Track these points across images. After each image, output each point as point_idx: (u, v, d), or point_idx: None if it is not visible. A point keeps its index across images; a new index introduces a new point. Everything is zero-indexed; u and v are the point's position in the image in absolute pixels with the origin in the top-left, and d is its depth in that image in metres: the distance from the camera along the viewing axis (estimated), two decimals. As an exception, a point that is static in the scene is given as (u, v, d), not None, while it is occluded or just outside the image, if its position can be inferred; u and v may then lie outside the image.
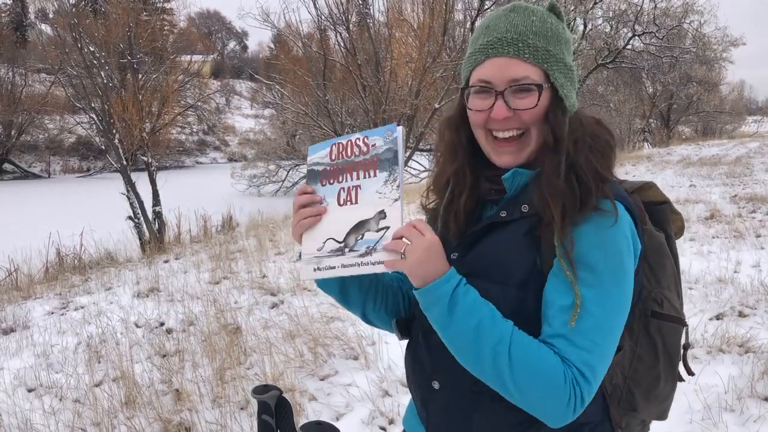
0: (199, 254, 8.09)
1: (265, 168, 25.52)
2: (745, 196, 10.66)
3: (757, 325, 4.53)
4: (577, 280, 1.11)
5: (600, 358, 1.11)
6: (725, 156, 20.62)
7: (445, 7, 18.59)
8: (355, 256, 1.20)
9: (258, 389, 1.15)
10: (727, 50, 32.52)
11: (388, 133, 1.24)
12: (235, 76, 58.53)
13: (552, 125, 1.19)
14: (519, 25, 1.19)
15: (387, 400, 3.62)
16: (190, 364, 4.18)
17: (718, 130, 43.04)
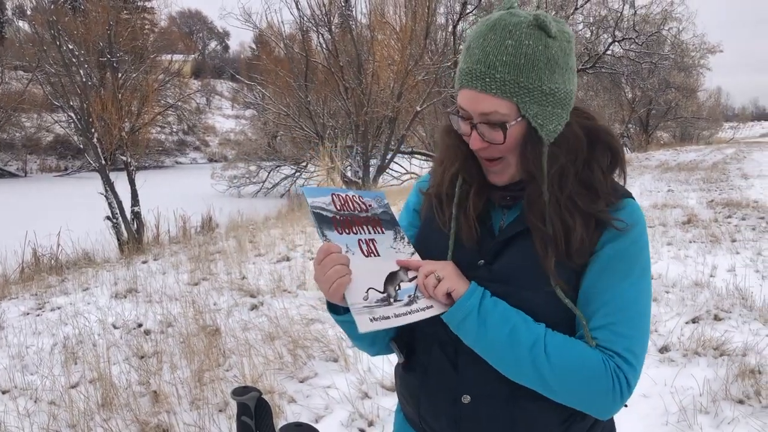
0: (178, 255, 8.03)
1: (246, 169, 25.40)
2: (722, 202, 10.82)
3: (731, 328, 4.60)
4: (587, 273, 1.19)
5: (640, 343, 1.17)
6: (702, 161, 20.91)
7: (427, 11, 18.66)
8: (402, 305, 1.18)
9: (237, 391, 1.14)
10: (705, 57, 33.03)
11: (378, 199, 1.30)
12: (216, 76, 58.21)
13: (528, 158, 1.20)
14: (490, 53, 1.15)
15: (366, 402, 3.62)
16: (169, 366, 4.15)
17: (696, 136, 43.64)
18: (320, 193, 1.24)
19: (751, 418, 3.30)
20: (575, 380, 1.13)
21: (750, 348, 4.17)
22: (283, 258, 7.19)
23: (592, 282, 1.19)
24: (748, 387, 3.60)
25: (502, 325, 1.14)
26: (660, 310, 4.99)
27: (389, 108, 18.22)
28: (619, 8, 26.61)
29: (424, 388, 1.31)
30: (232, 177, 25.32)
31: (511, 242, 1.24)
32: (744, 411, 3.38)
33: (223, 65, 58.54)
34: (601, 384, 1.13)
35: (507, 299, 1.18)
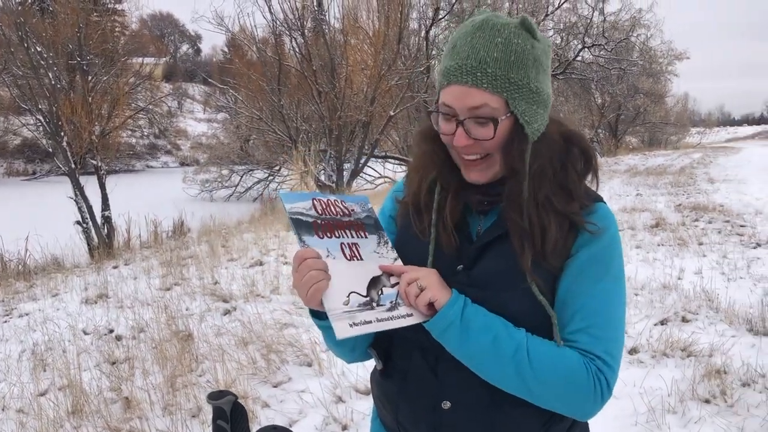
0: (150, 260, 7.95)
1: (218, 173, 25.21)
2: (689, 205, 11.02)
3: (698, 329, 4.70)
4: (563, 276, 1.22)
5: (617, 344, 1.21)
6: (670, 166, 21.26)
7: (400, 16, 18.72)
8: (384, 310, 1.18)
9: (213, 395, 1.15)
10: (672, 63, 33.71)
11: (362, 203, 1.29)
12: (187, 80, 57.66)
13: (513, 154, 1.21)
14: (480, 50, 1.17)
15: (341, 406, 3.63)
16: (141, 372, 4.11)
17: (664, 141, 44.35)
18: (299, 198, 1.22)
19: (716, 417, 3.38)
20: (558, 385, 1.15)
21: (716, 349, 4.26)
22: (257, 262, 7.16)
23: (568, 286, 1.21)
24: (714, 387, 3.69)
25: (485, 333, 1.15)
26: (629, 312, 5.08)
27: (362, 112, 18.23)
28: (588, 15, 27.05)
29: (404, 394, 1.31)
30: (204, 181, 25.13)
31: (488, 247, 1.25)
32: (710, 410, 3.46)
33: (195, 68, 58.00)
34: (583, 387, 1.15)
35: (486, 304, 1.18)
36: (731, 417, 3.37)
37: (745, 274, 6.21)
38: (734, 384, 3.74)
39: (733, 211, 10.07)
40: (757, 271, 6.30)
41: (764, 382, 3.75)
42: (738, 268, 6.43)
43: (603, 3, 27.10)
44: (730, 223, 8.97)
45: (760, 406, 3.46)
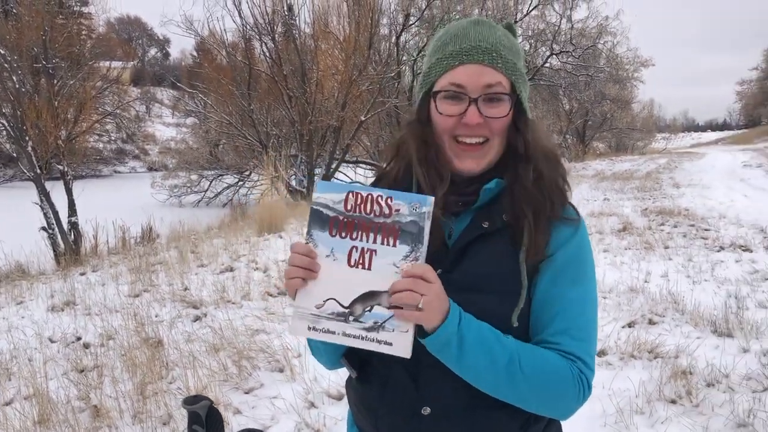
0: (118, 266, 7.84)
1: (187, 178, 24.95)
2: (655, 210, 11.22)
3: (665, 331, 4.79)
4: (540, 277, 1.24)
5: (594, 345, 1.26)
6: (637, 171, 21.62)
7: (370, 22, 18.78)
8: (360, 327, 1.11)
9: (188, 400, 1.15)
10: (638, 70, 34.33)
11: (416, 204, 1.12)
12: (156, 84, 57.08)
13: (522, 133, 1.27)
14: (489, 36, 1.24)
15: (313, 411, 3.62)
16: (110, 380, 4.06)
17: (630, 146, 45.01)
18: (334, 189, 1.14)
19: (682, 417, 3.45)
20: (548, 390, 1.18)
21: (682, 350, 4.35)
22: (227, 268, 7.12)
23: (546, 289, 1.24)
24: (680, 387, 3.76)
25: (480, 345, 1.14)
26: (598, 315, 5.15)
27: (334, 117, 18.22)
28: (556, 22, 27.42)
29: (383, 401, 1.30)
30: (172, 186, 24.85)
31: (467, 249, 1.26)
32: (676, 410, 3.53)
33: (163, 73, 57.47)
34: (569, 390, 1.19)
35: (468, 307, 1.18)
36: (696, 417, 3.45)
37: (709, 276, 6.35)
38: (699, 384, 3.82)
39: (697, 216, 10.29)
40: (721, 273, 6.44)
41: (728, 382, 3.84)
42: (702, 271, 6.57)
43: (571, 10, 27.53)
44: (694, 227, 9.16)
45: (724, 406, 3.54)
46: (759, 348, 4.36)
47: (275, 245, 8.38)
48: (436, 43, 1.31)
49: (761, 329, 4.71)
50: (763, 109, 68.78)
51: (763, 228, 8.73)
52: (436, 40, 1.32)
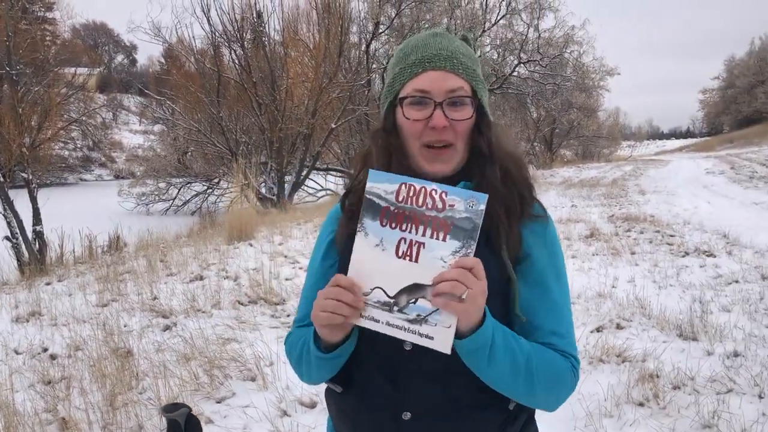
0: (85, 276, 7.72)
1: (155, 186, 24.71)
2: (621, 216, 11.42)
3: (632, 336, 4.88)
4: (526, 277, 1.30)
5: (574, 333, 1.36)
6: (603, 178, 21.96)
7: (340, 29, 18.82)
8: (404, 319, 1.12)
9: (167, 407, 1.15)
10: (604, 79, 34.93)
11: (473, 201, 1.11)
12: (123, 91, 56.31)
13: (485, 135, 1.32)
14: (448, 46, 1.31)
15: (286, 420, 3.61)
16: (78, 391, 3.99)
17: (597, 154, 45.69)
18: (387, 179, 1.14)
19: (650, 419, 3.51)
20: (555, 386, 1.27)
21: (649, 354, 4.44)
22: (197, 277, 7.05)
23: (530, 291, 1.30)
24: (647, 390, 3.84)
25: (506, 353, 1.18)
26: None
27: (304, 125, 18.21)
28: (524, 31, 27.78)
29: (363, 409, 1.32)
30: (140, 194, 24.58)
31: None
32: (644, 413, 3.60)
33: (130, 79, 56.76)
34: (569, 386, 1.30)
35: None
36: (663, 419, 3.52)
37: (675, 282, 6.48)
38: (666, 387, 3.90)
39: (663, 222, 10.49)
40: (686, 279, 6.58)
41: (693, 385, 3.93)
42: (668, 276, 6.70)
43: (538, 20, 27.94)
44: (660, 233, 9.34)
45: (690, 407, 3.62)
46: (723, 351, 4.47)
47: (245, 253, 8.33)
48: (398, 55, 1.36)
49: (725, 332, 4.83)
50: (724, 117, 70.51)
51: (725, 234, 8.94)
52: (397, 53, 1.38)
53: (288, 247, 8.74)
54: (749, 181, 16.75)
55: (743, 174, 18.94)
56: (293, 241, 9.25)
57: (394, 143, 1.34)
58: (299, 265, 7.51)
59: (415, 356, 1.25)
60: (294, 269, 7.29)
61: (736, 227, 9.40)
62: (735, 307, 5.52)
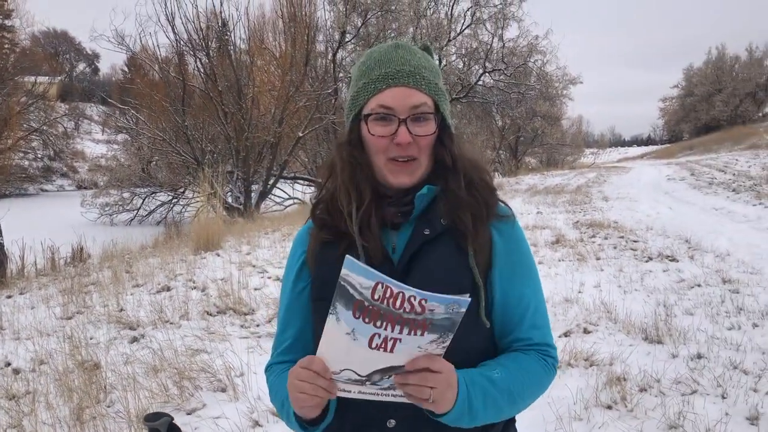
0: (48, 288, 7.57)
1: (119, 196, 24.28)
2: (586, 222, 11.59)
3: (599, 340, 4.96)
4: (495, 277, 1.35)
5: (549, 322, 1.45)
6: (567, 185, 22.26)
7: (306, 38, 18.82)
8: (377, 388, 1.13)
9: (149, 417, 1.14)
10: (567, 88, 35.57)
11: (454, 306, 1.07)
12: (85, 100, 55.33)
13: (448, 147, 1.36)
14: (411, 60, 1.33)
15: (258, 430, 3.59)
16: (44, 405, 3.91)
17: (561, 161, 46.29)
18: (364, 273, 1.04)
19: (618, 421, 3.58)
20: (535, 393, 1.35)
21: (615, 357, 4.52)
22: (164, 288, 6.97)
23: (505, 290, 1.36)
24: (615, 393, 3.90)
25: (486, 405, 1.23)
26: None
27: (270, 133, 18.13)
28: (488, 41, 28.11)
29: (347, 420, 1.33)
30: (103, 204, 24.12)
31: (414, 260, 1.32)
32: (612, 416, 3.66)
33: (93, 88, 55.80)
34: (546, 382, 1.37)
35: None
36: (631, 421, 3.58)
37: (639, 286, 6.61)
38: (633, 390, 3.98)
39: (626, 228, 10.67)
40: (650, 283, 6.71)
41: (659, 387, 4.01)
42: (633, 281, 6.83)
43: (502, 30, 28.29)
44: (624, 239, 9.50)
45: (656, 409, 3.69)
46: (687, 353, 4.57)
47: (213, 263, 8.26)
48: (361, 68, 1.38)
49: (688, 335, 4.94)
50: (684, 125, 72.07)
51: (687, 239, 9.14)
52: (360, 65, 1.40)
53: (256, 256, 8.69)
54: (709, 188, 17.15)
55: (703, 180, 19.39)
56: (261, 250, 9.20)
57: (358, 157, 1.37)
58: (268, 274, 7.47)
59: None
60: (263, 279, 7.25)
61: (697, 232, 9.63)
62: (698, 310, 5.65)
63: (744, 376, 4.14)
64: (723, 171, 21.61)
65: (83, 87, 60.38)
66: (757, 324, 5.23)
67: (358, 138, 1.38)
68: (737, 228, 10.16)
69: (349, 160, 1.37)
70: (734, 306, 5.70)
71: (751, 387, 3.96)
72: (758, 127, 50.99)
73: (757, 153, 28.88)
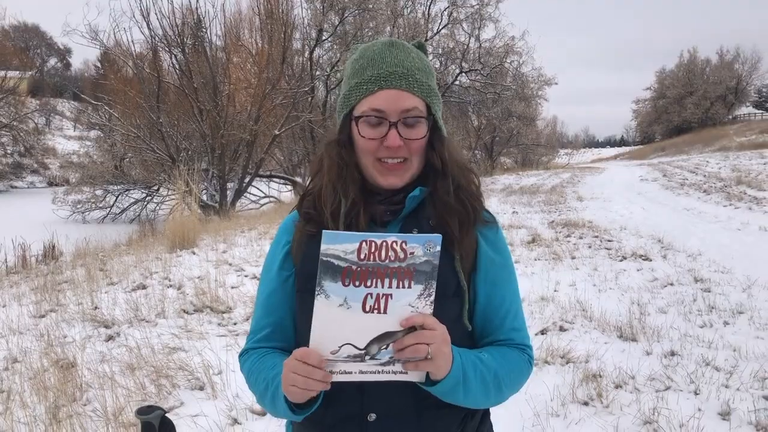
0: (20, 286, 7.46)
1: (91, 193, 23.89)
2: (561, 222, 11.71)
3: (575, 338, 5.02)
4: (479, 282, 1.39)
5: (527, 328, 1.49)
6: (542, 185, 22.45)
7: (283, 36, 18.74)
8: (376, 363, 1.15)
9: (142, 410, 1.14)
10: (542, 88, 35.83)
11: (430, 244, 1.14)
12: (56, 95, 54.42)
13: (438, 151, 1.36)
14: (404, 60, 1.33)
15: (237, 428, 3.58)
16: (18, 404, 3.85)
17: (536, 162, 46.56)
18: (345, 239, 1.11)
19: (594, 417, 3.63)
20: (518, 383, 1.39)
21: (591, 355, 4.58)
22: (139, 286, 6.90)
23: (489, 293, 1.40)
24: (591, 390, 3.96)
25: (478, 379, 1.27)
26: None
27: (246, 131, 18.02)
28: (465, 41, 28.23)
29: (329, 415, 1.32)
30: (76, 202, 23.74)
31: None
32: (588, 412, 3.71)
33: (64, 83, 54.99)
34: (526, 376, 1.41)
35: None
36: (607, 416, 3.64)
37: (613, 285, 6.70)
38: (608, 386, 4.04)
39: (600, 227, 10.81)
40: (624, 282, 6.81)
41: (634, 383, 4.08)
42: (607, 279, 6.93)
43: (479, 30, 28.46)
44: (598, 238, 9.63)
45: (631, 405, 3.76)
46: (660, 350, 4.65)
47: (189, 261, 8.20)
48: (354, 66, 1.37)
49: (662, 333, 5.03)
50: (656, 126, 73.10)
51: (660, 239, 9.29)
52: (353, 63, 1.39)
53: (232, 254, 8.64)
54: (680, 188, 17.43)
55: (675, 181, 19.70)
56: (238, 248, 9.15)
57: (346, 157, 1.37)
58: (245, 273, 7.43)
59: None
60: (240, 277, 7.21)
61: (670, 232, 9.79)
62: (671, 308, 5.75)
63: (716, 372, 4.22)
64: (694, 172, 21.97)
65: (54, 82, 59.43)
66: (728, 322, 5.34)
67: (348, 137, 1.38)
68: (708, 228, 10.35)
69: (338, 160, 1.38)
70: (706, 304, 5.81)
71: (722, 383, 4.04)
72: (728, 129, 51.97)
73: (726, 155, 29.42)
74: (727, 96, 64.07)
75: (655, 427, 3.49)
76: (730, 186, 16.11)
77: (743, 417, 3.58)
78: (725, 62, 64.81)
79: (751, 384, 4.03)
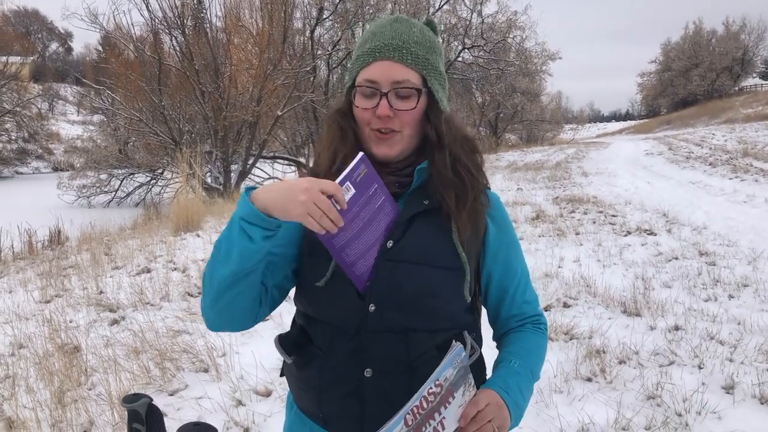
0: (26, 272, 7.49)
1: (96, 177, 23.89)
2: (566, 198, 11.67)
3: (579, 314, 5.02)
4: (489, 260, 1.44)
5: (537, 299, 1.55)
6: (547, 161, 22.36)
7: (284, 15, 18.60)
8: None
9: (128, 398, 1.13)
10: (546, 63, 35.56)
11: (456, 359, 1.19)
12: (59, 80, 54.35)
13: (433, 123, 1.37)
14: (403, 33, 1.34)
15: (241, 409, 3.59)
16: (24, 389, 3.88)
17: (540, 137, 46.37)
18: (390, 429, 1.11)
19: (598, 393, 3.63)
20: (543, 358, 1.49)
21: (595, 331, 4.58)
22: (144, 270, 6.92)
23: (500, 277, 1.46)
24: (594, 366, 3.96)
25: (524, 396, 1.34)
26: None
27: (249, 112, 17.95)
28: (467, 17, 27.96)
29: (325, 378, 1.34)
30: (80, 187, 23.73)
31: (413, 221, 1.35)
32: (592, 387, 3.72)
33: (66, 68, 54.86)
34: (544, 345, 1.50)
35: (417, 276, 1.30)
36: (611, 392, 3.64)
37: (618, 260, 6.68)
38: (612, 362, 4.04)
39: (605, 203, 10.77)
40: (628, 257, 6.79)
41: (637, 359, 4.07)
42: (612, 255, 6.91)
43: (481, 5, 28.17)
44: (603, 214, 9.59)
45: (635, 381, 3.76)
46: (664, 325, 4.64)
47: (193, 244, 8.21)
48: (361, 40, 1.41)
49: (666, 308, 5.02)
50: (662, 100, 72.57)
51: (665, 213, 9.25)
52: (362, 35, 1.43)
53: (237, 236, 8.63)
54: (686, 162, 17.32)
55: (680, 154, 19.57)
56: (242, 230, 9.14)
57: (347, 126, 1.40)
58: (249, 254, 7.43)
59: (377, 315, 1.29)
60: (244, 259, 7.21)
61: (674, 206, 9.74)
62: (675, 283, 5.73)
63: (720, 346, 4.22)
64: (700, 145, 21.82)
65: (56, 67, 59.29)
66: (733, 295, 5.33)
67: (349, 107, 1.41)
68: (714, 201, 10.30)
69: (338, 126, 1.42)
70: (711, 278, 5.79)
71: (726, 357, 4.04)
72: (734, 101, 51.46)
73: (733, 127, 29.19)
74: (733, 67, 63.37)
75: (659, 401, 3.49)
76: (736, 158, 16.00)
77: (747, 390, 3.58)
78: (731, 33, 64.01)
79: (756, 357, 4.02)
